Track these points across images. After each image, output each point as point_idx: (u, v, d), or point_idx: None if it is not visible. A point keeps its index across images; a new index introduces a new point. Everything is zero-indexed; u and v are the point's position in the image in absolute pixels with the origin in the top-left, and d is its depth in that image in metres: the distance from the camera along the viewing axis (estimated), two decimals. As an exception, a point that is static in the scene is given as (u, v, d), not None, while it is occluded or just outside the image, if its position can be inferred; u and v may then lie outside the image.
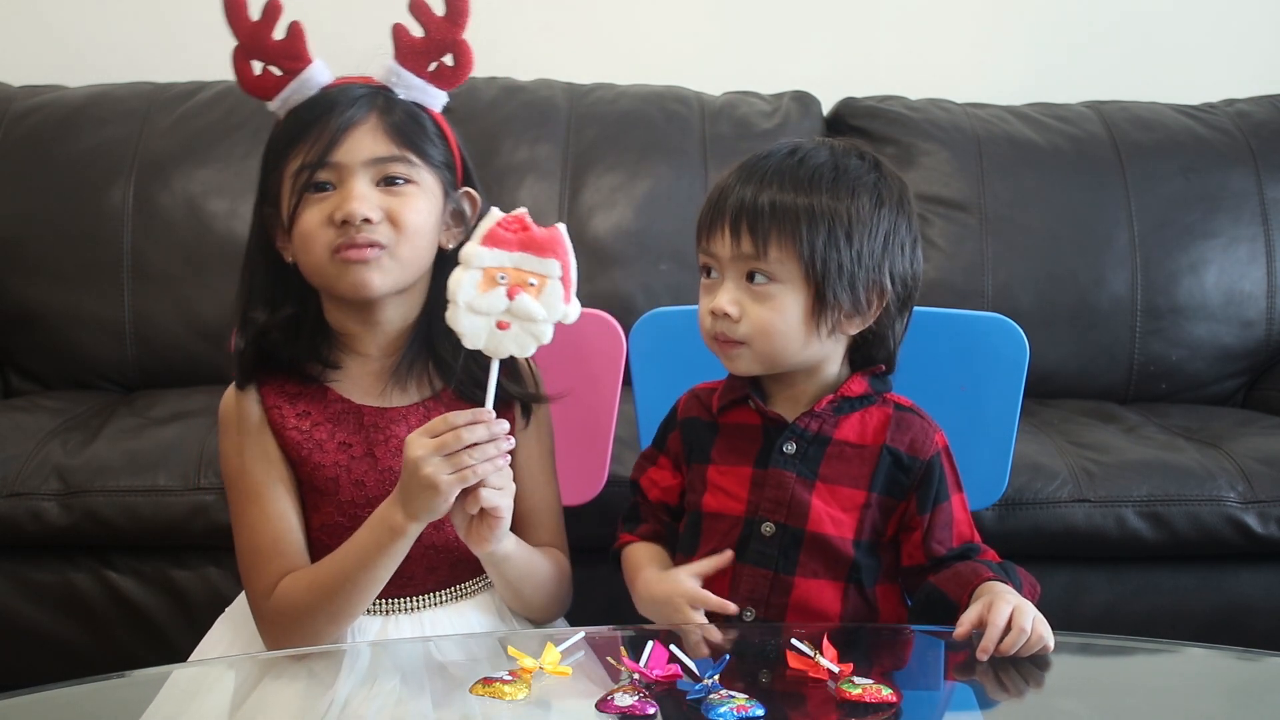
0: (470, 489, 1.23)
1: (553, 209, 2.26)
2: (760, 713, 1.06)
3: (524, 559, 1.37)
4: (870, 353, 1.38)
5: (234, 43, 1.35)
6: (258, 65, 1.35)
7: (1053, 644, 1.22)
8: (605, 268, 2.24)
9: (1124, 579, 1.86)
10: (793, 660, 1.16)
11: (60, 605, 1.81)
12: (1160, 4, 2.66)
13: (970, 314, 1.63)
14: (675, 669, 1.13)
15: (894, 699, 1.11)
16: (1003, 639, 1.20)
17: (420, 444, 1.22)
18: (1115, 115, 2.41)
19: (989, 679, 1.21)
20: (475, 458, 1.21)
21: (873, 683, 1.11)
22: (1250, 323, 2.29)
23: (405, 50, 1.35)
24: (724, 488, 1.38)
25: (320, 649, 1.30)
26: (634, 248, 2.25)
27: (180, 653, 1.49)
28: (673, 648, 1.15)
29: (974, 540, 1.36)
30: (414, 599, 1.40)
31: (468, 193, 1.42)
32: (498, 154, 2.28)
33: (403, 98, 1.36)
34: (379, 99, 1.34)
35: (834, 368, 1.37)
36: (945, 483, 1.35)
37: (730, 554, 1.34)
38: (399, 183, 1.33)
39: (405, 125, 1.34)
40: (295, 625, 1.33)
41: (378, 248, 1.31)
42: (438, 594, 1.41)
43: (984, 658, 1.20)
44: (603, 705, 1.08)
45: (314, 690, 1.19)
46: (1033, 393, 1.83)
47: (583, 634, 1.22)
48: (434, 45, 1.36)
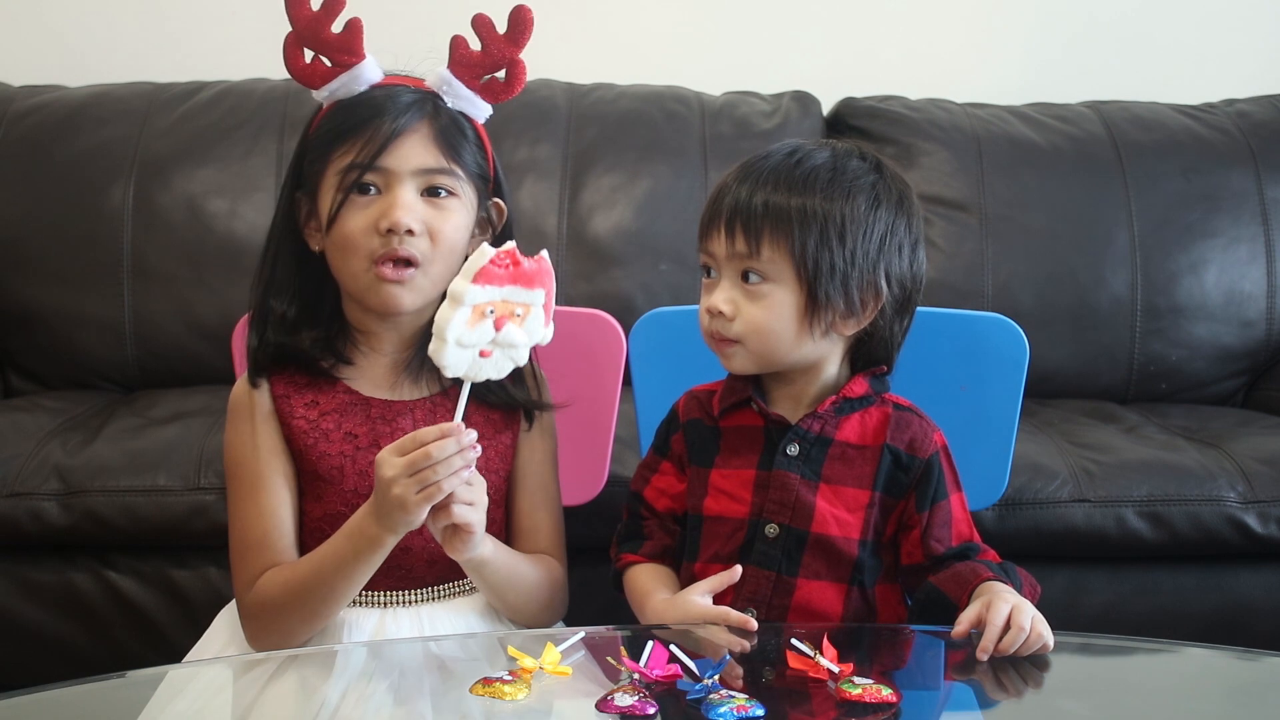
0: (441, 504, 1.24)
1: (553, 209, 2.26)
2: (760, 713, 1.06)
3: (505, 564, 1.37)
4: (871, 353, 1.38)
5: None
6: (309, 54, 1.35)
7: (1052, 643, 1.22)
8: (605, 268, 2.24)
9: (1124, 579, 1.86)
10: (793, 660, 1.16)
11: (60, 605, 1.81)
12: (1160, 4, 2.66)
13: (970, 314, 1.63)
14: (675, 669, 1.13)
15: (894, 699, 1.11)
16: (1002, 638, 1.20)
17: (390, 463, 1.22)
18: (1115, 115, 2.41)
19: (989, 679, 1.21)
20: (442, 473, 1.21)
21: (873, 683, 1.11)
22: (1250, 323, 2.29)
23: (461, 62, 1.37)
24: (726, 490, 1.38)
25: (316, 649, 1.30)
26: (634, 248, 2.25)
27: (180, 653, 1.49)
28: (673, 648, 1.15)
29: (973, 539, 1.36)
30: (413, 592, 1.40)
31: (496, 203, 1.44)
32: (498, 154, 2.26)
33: (450, 106, 1.38)
34: (429, 106, 1.36)
35: (833, 368, 1.37)
36: (944, 481, 1.35)
37: (739, 569, 1.33)
38: (441, 194, 1.35)
39: (453, 136, 1.36)
40: (271, 621, 1.34)
41: (414, 267, 1.33)
42: (437, 589, 1.41)
43: (983, 657, 1.20)
44: (603, 705, 1.08)
45: (309, 689, 1.19)
46: (1033, 393, 1.83)
47: (583, 634, 1.22)
48: (490, 60, 1.37)
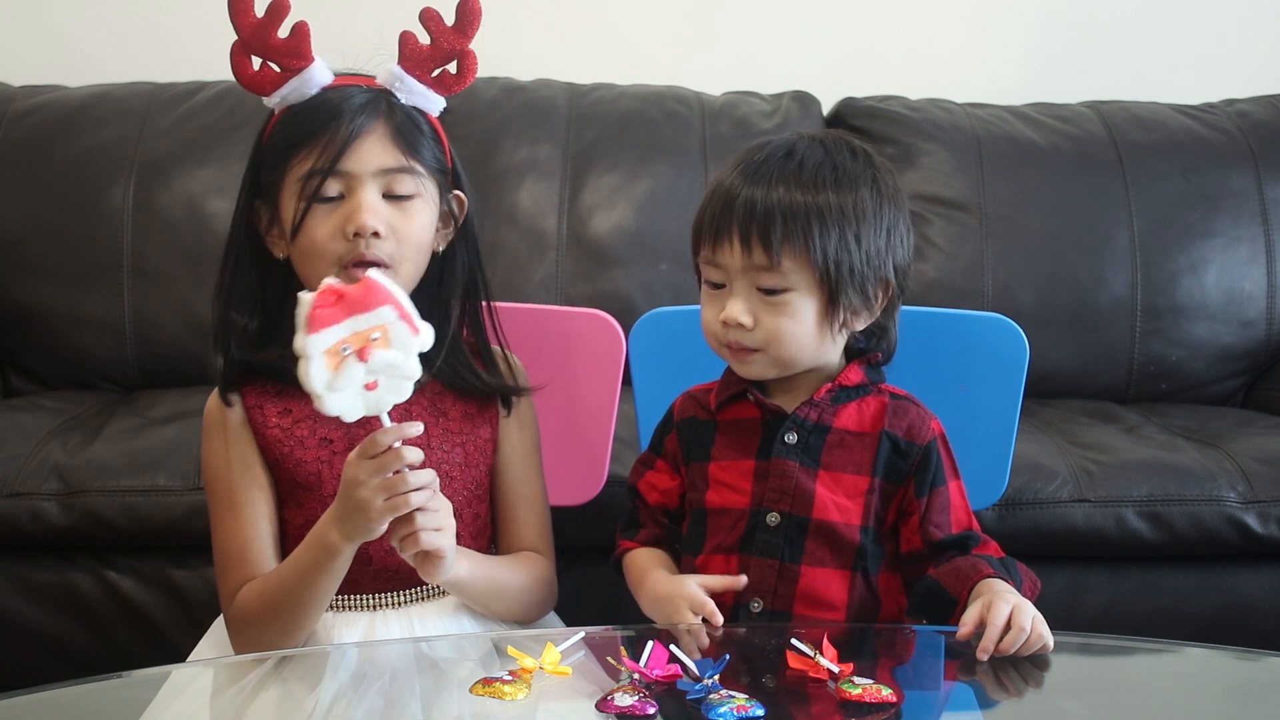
0: (410, 533, 1.22)
1: (553, 209, 2.26)
2: (760, 713, 1.06)
3: (485, 578, 1.36)
4: (869, 342, 1.39)
5: (234, 38, 1.34)
6: (256, 60, 1.34)
7: (1052, 643, 1.22)
8: (605, 268, 2.24)
9: (1124, 579, 1.86)
10: (793, 660, 1.16)
11: (60, 605, 1.81)
12: (1160, 4, 2.65)
13: (970, 314, 1.63)
14: (675, 669, 1.13)
15: (894, 699, 1.11)
16: (1002, 638, 1.20)
17: (359, 466, 1.21)
18: (1115, 115, 2.41)
19: (989, 679, 1.21)
20: (410, 484, 1.20)
21: (873, 682, 1.11)
22: (1250, 323, 2.29)
23: (411, 57, 1.35)
24: (727, 482, 1.38)
25: (308, 650, 1.30)
26: (634, 248, 2.25)
27: (180, 653, 1.49)
28: (673, 648, 1.16)
29: (972, 527, 1.37)
30: (402, 593, 1.39)
31: (456, 195, 1.42)
32: (498, 154, 2.28)
33: (404, 102, 1.36)
34: (383, 104, 1.34)
35: (834, 359, 1.38)
36: (942, 468, 1.36)
37: (744, 579, 1.33)
38: (406, 196, 1.34)
39: (410, 133, 1.35)
40: (250, 634, 1.34)
41: (382, 267, 1.31)
42: (426, 587, 1.40)
43: (984, 657, 1.20)
44: (603, 705, 1.08)
45: (300, 692, 1.19)
46: (1033, 393, 1.83)
47: (583, 634, 1.22)
48: (440, 53, 1.36)
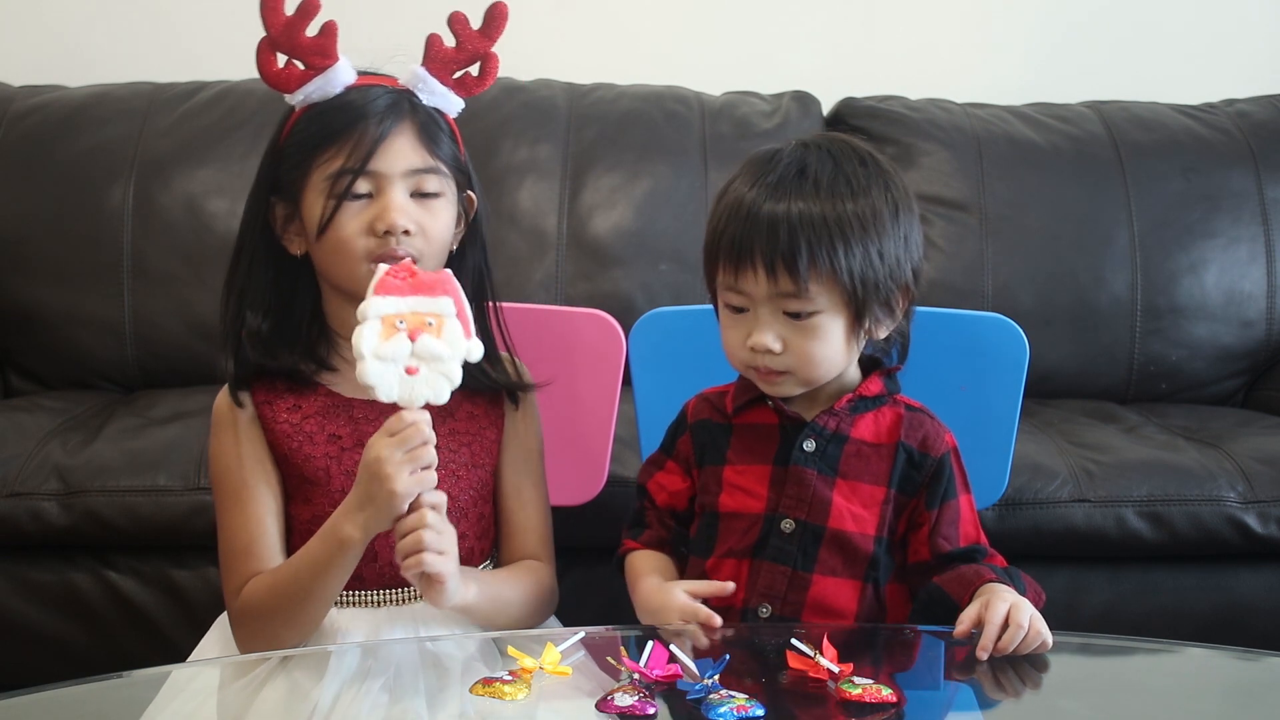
0: (415, 554, 1.22)
1: (553, 209, 2.26)
2: (760, 713, 1.06)
3: (490, 599, 1.36)
4: (885, 349, 1.39)
5: (258, 35, 1.33)
6: (281, 58, 1.34)
7: (1051, 642, 1.22)
8: (605, 268, 2.24)
9: (1124, 579, 1.86)
10: (793, 660, 1.16)
11: (60, 605, 1.81)
12: (1161, 4, 2.65)
13: (970, 314, 1.63)
14: (675, 669, 1.13)
15: (894, 699, 1.11)
16: (1001, 636, 1.20)
17: (382, 442, 1.22)
18: (1115, 115, 2.41)
19: (989, 679, 1.21)
20: (434, 457, 1.22)
21: (873, 683, 1.11)
22: (1250, 323, 2.29)
23: (436, 59, 1.37)
24: (742, 487, 1.38)
25: (311, 649, 1.30)
26: (634, 248, 2.25)
27: (180, 653, 1.49)
28: (673, 648, 1.16)
29: (980, 542, 1.36)
30: (406, 590, 1.39)
31: (467, 194, 1.44)
32: (498, 154, 2.28)
33: (425, 103, 1.38)
34: (406, 105, 1.36)
35: (852, 369, 1.38)
36: (954, 481, 1.36)
37: (732, 585, 1.33)
38: (431, 194, 1.36)
39: (434, 133, 1.36)
40: (257, 627, 1.34)
41: (410, 260, 1.33)
42: None
43: (983, 656, 1.20)
44: (603, 705, 1.08)
45: (303, 690, 1.19)
46: (1033, 393, 1.83)
47: (583, 634, 1.22)
48: (465, 56, 1.37)
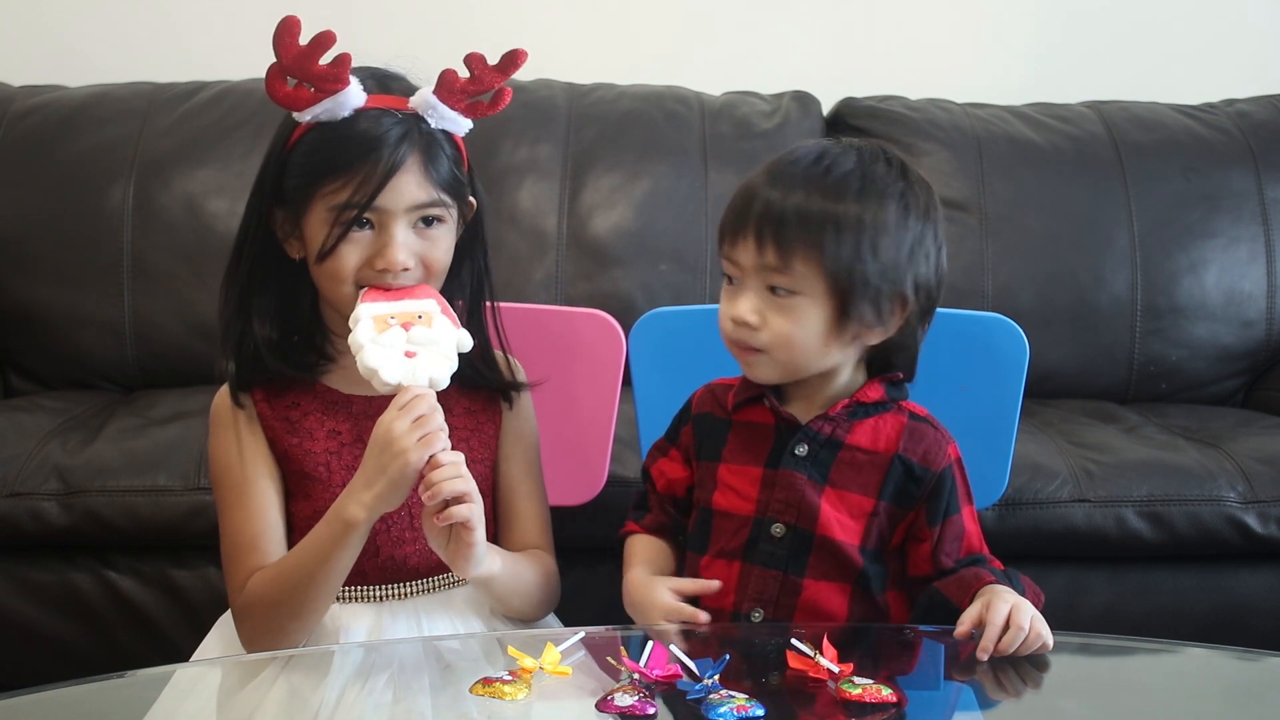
0: (439, 508, 1.25)
1: (553, 209, 2.26)
2: (760, 713, 1.06)
3: (510, 575, 1.38)
4: (890, 359, 1.37)
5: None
6: (290, 79, 1.34)
7: (1051, 643, 1.22)
8: (605, 268, 2.24)
9: (1124, 579, 1.86)
10: (793, 660, 1.16)
11: (60, 605, 1.81)
12: (1160, 4, 2.65)
13: (970, 314, 1.63)
14: (675, 669, 1.13)
15: (894, 699, 1.11)
16: (1002, 637, 1.20)
17: (391, 415, 1.26)
18: (1115, 115, 2.41)
19: (989, 679, 1.21)
20: (441, 423, 1.26)
21: (873, 683, 1.11)
22: (1250, 323, 2.29)
23: (447, 87, 1.36)
24: (734, 486, 1.38)
25: (314, 649, 1.30)
26: (634, 248, 2.25)
27: (180, 653, 1.49)
28: (673, 648, 1.16)
29: (982, 552, 1.36)
30: (408, 585, 1.40)
31: (469, 201, 1.44)
32: (498, 154, 2.28)
33: (434, 126, 1.37)
34: (415, 135, 1.35)
35: (848, 372, 1.36)
36: (956, 495, 1.34)
37: (718, 583, 1.33)
38: (432, 223, 1.37)
39: (439, 162, 1.36)
40: (261, 620, 1.34)
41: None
42: (432, 579, 1.41)
43: (984, 657, 1.20)
44: (603, 705, 1.08)
45: (308, 689, 1.20)
46: (1033, 393, 1.83)
47: (583, 634, 1.22)
48: (477, 88, 1.38)
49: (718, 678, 1.11)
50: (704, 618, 1.29)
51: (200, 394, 2.06)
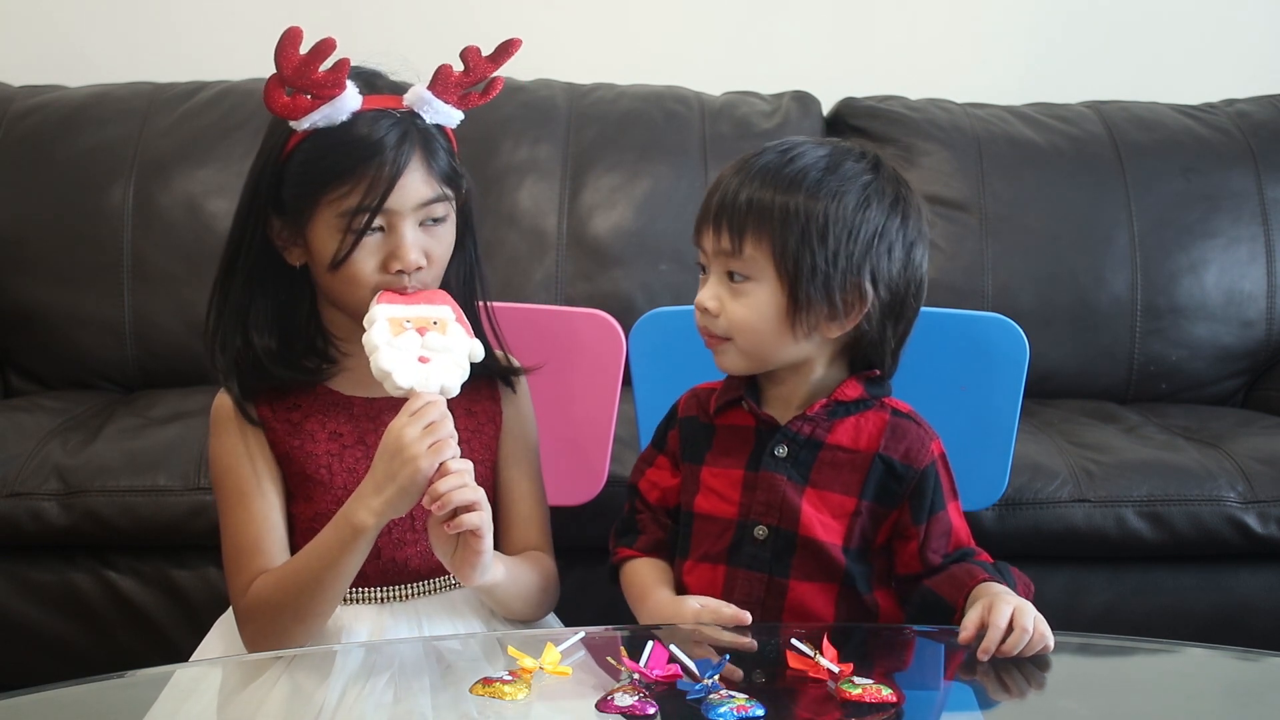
0: (448, 516, 1.24)
1: (553, 209, 2.26)
2: (760, 713, 1.06)
3: (512, 581, 1.38)
4: (865, 355, 1.36)
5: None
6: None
7: (1053, 644, 1.22)
8: (605, 268, 2.24)
9: (1124, 579, 1.86)
10: (793, 660, 1.16)
11: (60, 605, 1.81)
12: (1160, 4, 2.66)
13: (970, 314, 1.63)
14: (675, 669, 1.13)
15: (894, 699, 1.11)
16: (1004, 639, 1.20)
17: (401, 421, 1.26)
18: (1115, 115, 2.41)
19: (989, 679, 1.21)
20: (451, 429, 1.26)
21: (873, 683, 1.11)
22: (1250, 323, 2.29)
23: (442, 82, 1.37)
24: (716, 489, 1.37)
25: (315, 649, 1.31)
26: (634, 248, 2.25)
27: (180, 653, 1.49)
28: (673, 648, 1.15)
29: (969, 546, 1.35)
30: (409, 586, 1.40)
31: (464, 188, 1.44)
32: (498, 154, 2.28)
33: (428, 121, 1.38)
34: (414, 134, 1.35)
35: (821, 370, 1.35)
36: (940, 492, 1.34)
37: (748, 616, 1.28)
38: (438, 220, 1.37)
39: (438, 156, 1.37)
40: (266, 623, 1.34)
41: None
42: (432, 581, 1.41)
43: (985, 658, 1.20)
44: (603, 705, 1.08)
45: (309, 689, 1.20)
46: (1033, 393, 1.83)
47: (583, 634, 1.22)
48: (470, 80, 1.38)
49: (718, 678, 1.11)
50: (748, 617, 1.27)
51: (200, 394, 2.06)
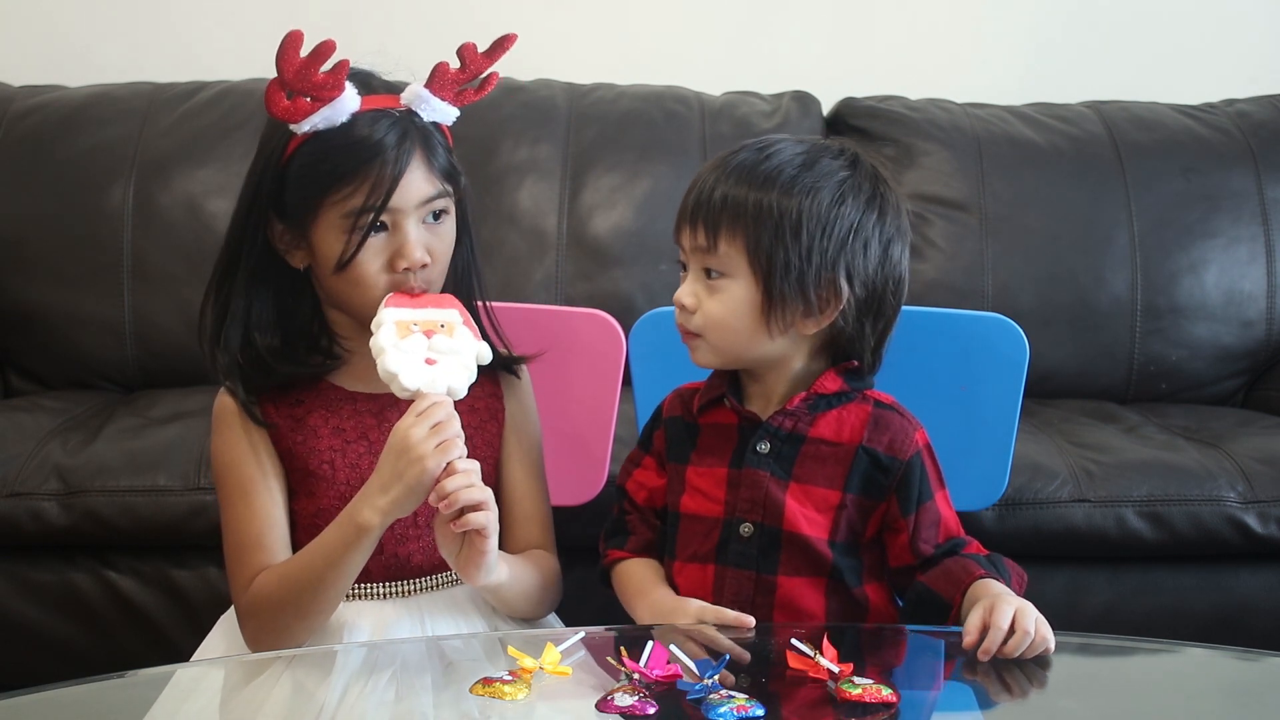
0: (455, 515, 1.25)
1: (553, 209, 2.26)
2: (760, 713, 1.06)
3: (516, 581, 1.38)
4: (845, 352, 1.35)
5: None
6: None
7: (1054, 646, 1.22)
8: (605, 268, 2.24)
9: (1124, 579, 1.86)
10: (793, 660, 1.16)
11: (60, 605, 1.81)
12: (1160, 4, 2.66)
13: (970, 314, 1.63)
14: (675, 669, 1.13)
15: (894, 699, 1.11)
16: (1006, 641, 1.19)
17: (409, 421, 1.26)
18: (1115, 115, 2.41)
19: (989, 679, 1.21)
20: (458, 429, 1.26)
21: (872, 683, 1.11)
22: (1250, 323, 2.29)
23: (440, 80, 1.37)
24: (701, 488, 1.37)
25: (317, 649, 1.31)
26: (634, 248, 2.25)
27: (180, 653, 1.49)
28: (673, 648, 1.16)
29: (959, 535, 1.35)
30: (411, 582, 1.40)
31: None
32: (498, 154, 2.28)
33: (425, 119, 1.38)
34: (414, 132, 1.36)
35: (799, 364, 1.35)
36: (927, 482, 1.34)
37: (752, 621, 1.28)
38: (439, 216, 1.38)
39: (436, 154, 1.37)
40: (267, 619, 1.34)
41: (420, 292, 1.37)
42: (435, 577, 1.42)
43: (985, 659, 1.20)
44: (603, 705, 1.08)
45: (310, 687, 1.20)
46: (1033, 393, 1.83)
47: (583, 634, 1.22)
48: (467, 76, 1.39)
49: (718, 678, 1.11)
50: (751, 621, 1.27)
51: (200, 394, 2.06)
